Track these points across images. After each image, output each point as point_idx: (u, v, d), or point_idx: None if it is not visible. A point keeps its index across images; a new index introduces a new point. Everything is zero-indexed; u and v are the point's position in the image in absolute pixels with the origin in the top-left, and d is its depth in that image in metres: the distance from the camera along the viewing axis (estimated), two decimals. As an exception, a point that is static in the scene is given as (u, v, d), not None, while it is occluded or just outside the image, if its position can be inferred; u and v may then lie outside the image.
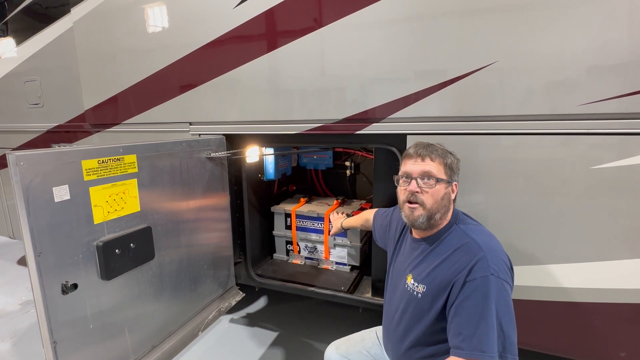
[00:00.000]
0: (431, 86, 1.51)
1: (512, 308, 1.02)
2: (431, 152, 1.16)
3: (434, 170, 1.14)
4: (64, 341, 1.17)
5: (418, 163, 1.16)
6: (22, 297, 2.91)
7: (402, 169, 1.22)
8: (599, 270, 1.38)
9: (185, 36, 1.93)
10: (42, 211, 1.10)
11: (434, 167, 1.14)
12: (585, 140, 1.34)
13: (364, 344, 1.47)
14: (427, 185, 1.13)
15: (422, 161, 1.15)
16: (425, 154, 1.16)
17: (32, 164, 1.07)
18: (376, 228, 1.57)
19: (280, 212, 2.44)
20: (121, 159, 1.35)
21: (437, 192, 1.13)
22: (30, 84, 2.61)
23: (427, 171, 1.14)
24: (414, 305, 1.17)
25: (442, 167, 1.15)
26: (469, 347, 0.97)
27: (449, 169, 1.16)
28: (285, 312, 2.58)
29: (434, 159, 1.15)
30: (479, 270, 1.02)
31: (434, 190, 1.13)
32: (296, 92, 1.77)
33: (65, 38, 2.36)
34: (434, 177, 1.13)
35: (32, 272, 1.09)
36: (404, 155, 1.24)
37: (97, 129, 2.39)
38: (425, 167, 1.14)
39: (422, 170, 1.14)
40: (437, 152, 1.17)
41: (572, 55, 1.31)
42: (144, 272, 1.47)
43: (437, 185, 1.13)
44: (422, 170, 1.14)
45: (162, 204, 1.56)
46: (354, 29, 1.59)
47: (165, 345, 1.60)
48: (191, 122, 2.06)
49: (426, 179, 1.13)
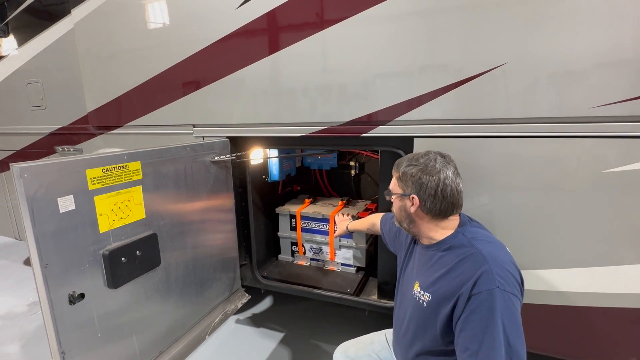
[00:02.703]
0: (439, 88, 1.48)
1: (519, 322, 0.98)
2: (394, 168, 1.24)
3: (391, 185, 1.24)
4: (72, 351, 1.17)
5: None
6: (29, 298, 2.93)
7: None
8: (612, 275, 1.36)
9: (188, 37, 1.90)
10: (47, 222, 1.09)
11: (392, 182, 1.24)
12: (598, 144, 1.32)
13: (373, 347, 1.46)
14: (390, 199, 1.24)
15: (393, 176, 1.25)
16: (394, 169, 1.24)
17: (36, 175, 1.06)
18: (385, 233, 1.56)
19: (285, 213, 2.43)
20: (125, 166, 1.34)
21: (395, 205, 1.23)
22: (32, 85, 2.59)
23: (389, 187, 1.25)
24: (420, 314, 1.16)
25: (396, 181, 1.22)
26: None
27: (401, 182, 1.19)
28: (291, 312, 2.59)
29: (393, 174, 1.24)
30: (483, 283, 0.99)
31: (394, 204, 1.24)
32: (301, 93, 1.74)
33: (66, 40, 2.33)
34: (390, 193, 1.23)
35: (39, 284, 1.09)
36: None
37: (100, 132, 2.37)
38: (391, 182, 1.25)
39: (389, 186, 1.26)
40: (396, 166, 1.23)
41: (584, 56, 1.27)
42: (150, 278, 1.47)
43: (394, 199, 1.22)
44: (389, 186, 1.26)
45: (167, 209, 1.55)
46: (359, 30, 1.56)
47: (173, 350, 1.60)
48: (194, 125, 2.04)
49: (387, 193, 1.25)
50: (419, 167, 1.14)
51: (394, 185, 1.22)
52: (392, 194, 1.22)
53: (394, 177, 1.22)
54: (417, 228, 1.19)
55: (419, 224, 1.18)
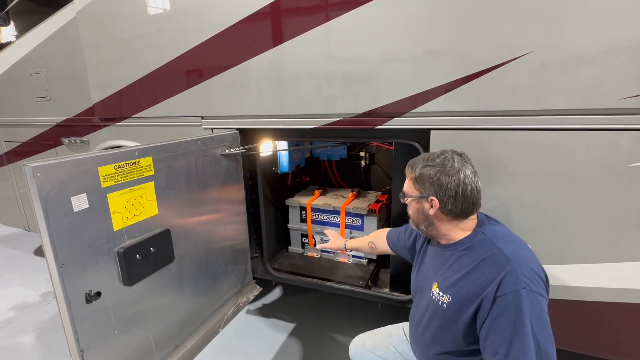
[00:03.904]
0: (458, 78, 1.42)
1: (548, 323, 0.96)
2: (408, 168, 1.19)
3: (405, 187, 1.20)
4: (90, 349, 1.17)
5: None
6: (41, 289, 2.96)
7: None
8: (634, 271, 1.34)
9: (196, 25, 1.84)
10: (62, 222, 1.07)
11: (406, 184, 1.19)
12: (625, 136, 1.27)
13: (391, 340, 1.45)
14: (405, 201, 1.20)
15: (406, 177, 1.20)
16: (407, 170, 1.19)
17: (49, 175, 1.03)
18: (400, 250, 1.51)
19: (295, 205, 2.41)
20: (137, 162, 1.31)
21: (411, 208, 1.19)
22: (36, 76, 2.54)
23: (403, 189, 1.21)
24: (440, 316, 1.13)
25: (411, 183, 1.17)
26: None
27: (417, 183, 1.14)
28: (301, 303, 2.60)
29: (407, 175, 1.19)
30: (508, 284, 0.96)
31: (409, 206, 1.19)
32: (313, 84, 1.69)
33: (69, 28, 2.27)
34: (404, 194, 1.19)
35: (56, 284, 1.08)
36: None
37: (106, 123, 2.34)
38: (405, 184, 1.20)
39: (403, 188, 1.21)
40: (411, 167, 1.18)
41: (612, 45, 1.21)
42: (164, 274, 1.46)
43: (409, 202, 1.18)
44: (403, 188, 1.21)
45: (179, 205, 1.53)
46: (376, 18, 1.49)
47: (188, 344, 1.61)
48: (203, 116, 2.00)
49: (401, 195, 1.21)
50: (437, 167, 1.09)
51: (409, 187, 1.17)
52: (407, 197, 1.18)
53: (409, 178, 1.17)
54: (436, 230, 1.16)
55: (438, 226, 1.14)
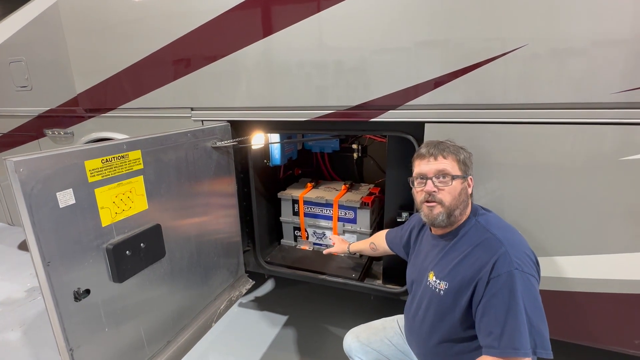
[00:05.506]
0: (453, 71, 1.41)
1: (540, 302, 1.00)
2: (443, 150, 1.16)
3: (448, 168, 1.15)
4: (80, 347, 1.14)
5: (432, 162, 1.16)
6: (27, 284, 2.89)
7: (415, 170, 1.21)
8: (626, 262, 1.37)
9: (185, 12, 1.77)
10: (47, 219, 1.03)
11: (447, 164, 1.15)
12: (616, 131, 1.28)
13: (386, 333, 1.47)
14: (443, 184, 1.14)
15: (435, 160, 1.16)
16: (438, 152, 1.16)
17: (33, 169, 0.99)
18: (397, 249, 1.55)
19: (288, 198, 2.39)
20: (125, 156, 1.26)
21: (454, 189, 1.13)
22: (15, 64, 2.43)
23: (441, 169, 1.14)
24: (437, 303, 1.16)
25: (455, 163, 1.16)
26: (501, 346, 0.96)
27: (462, 164, 1.17)
28: (294, 295, 2.60)
29: (446, 156, 1.16)
30: (502, 266, 1.00)
31: (450, 188, 1.13)
32: (306, 76, 1.66)
33: (50, 13, 2.17)
34: (449, 175, 1.14)
35: (42, 282, 1.04)
36: (415, 156, 1.23)
37: (91, 114, 2.26)
38: (439, 165, 1.15)
39: (437, 169, 1.15)
40: (449, 149, 1.17)
41: (606, 39, 1.21)
42: (155, 270, 1.43)
43: (453, 182, 1.13)
44: (436, 169, 1.15)
45: (169, 199, 1.49)
46: (370, 8, 1.46)
47: (180, 338, 1.59)
48: (193, 108, 1.94)
49: (441, 177, 1.14)
50: (466, 150, 1.22)
51: (454, 168, 1.15)
52: (456, 177, 1.14)
53: (451, 160, 1.15)
54: (463, 213, 1.17)
55: (467, 208, 1.18)
